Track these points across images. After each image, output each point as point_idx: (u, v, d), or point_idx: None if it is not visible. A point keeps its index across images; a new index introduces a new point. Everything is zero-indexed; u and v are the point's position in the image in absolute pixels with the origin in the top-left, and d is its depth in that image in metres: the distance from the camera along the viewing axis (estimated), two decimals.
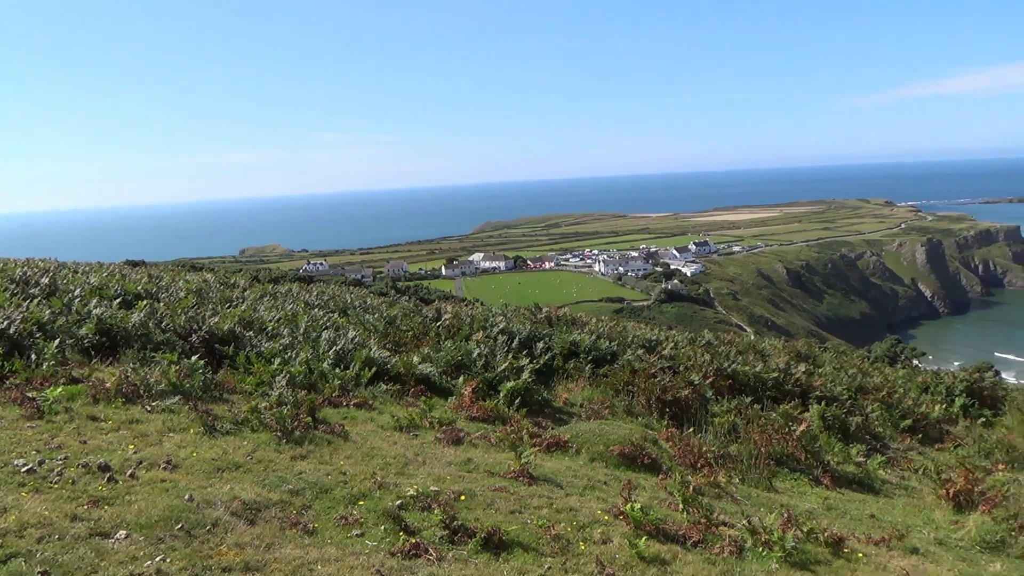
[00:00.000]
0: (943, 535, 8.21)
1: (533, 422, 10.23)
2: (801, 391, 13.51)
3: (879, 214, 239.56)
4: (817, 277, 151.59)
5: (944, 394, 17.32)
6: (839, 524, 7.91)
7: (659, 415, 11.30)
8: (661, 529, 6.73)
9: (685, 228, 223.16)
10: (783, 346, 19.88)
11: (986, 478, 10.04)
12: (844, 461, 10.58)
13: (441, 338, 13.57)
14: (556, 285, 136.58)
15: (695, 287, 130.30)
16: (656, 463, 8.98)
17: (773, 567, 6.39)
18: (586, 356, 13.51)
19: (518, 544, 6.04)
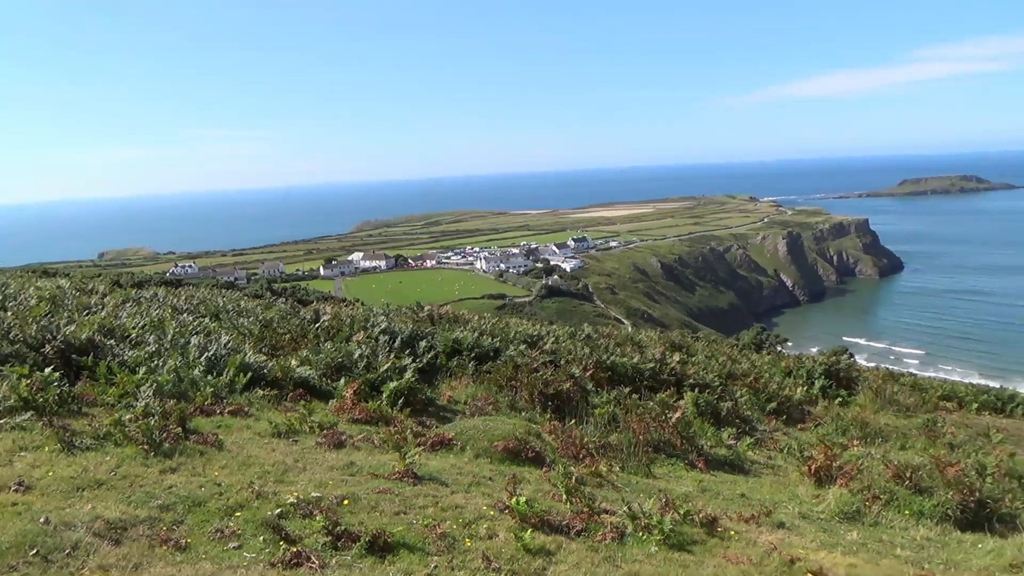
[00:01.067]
0: (806, 509, 8.76)
1: (417, 421, 10.16)
2: (676, 380, 14.08)
3: (744, 209, 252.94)
4: (689, 270, 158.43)
5: (805, 377, 18.52)
6: (713, 505, 8.29)
7: (542, 409, 11.48)
8: (546, 521, 6.83)
9: (564, 225, 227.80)
10: (659, 337, 20.67)
11: (843, 454, 10.80)
12: (717, 445, 11.09)
13: (320, 340, 13.23)
14: (438, 283, 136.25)
15: (575, 282, 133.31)
16: (540, 456, 9.10)
17: (652, 550, 6.62)
18: (469, 353, 13.54)
19: (404, 545, 5.98)
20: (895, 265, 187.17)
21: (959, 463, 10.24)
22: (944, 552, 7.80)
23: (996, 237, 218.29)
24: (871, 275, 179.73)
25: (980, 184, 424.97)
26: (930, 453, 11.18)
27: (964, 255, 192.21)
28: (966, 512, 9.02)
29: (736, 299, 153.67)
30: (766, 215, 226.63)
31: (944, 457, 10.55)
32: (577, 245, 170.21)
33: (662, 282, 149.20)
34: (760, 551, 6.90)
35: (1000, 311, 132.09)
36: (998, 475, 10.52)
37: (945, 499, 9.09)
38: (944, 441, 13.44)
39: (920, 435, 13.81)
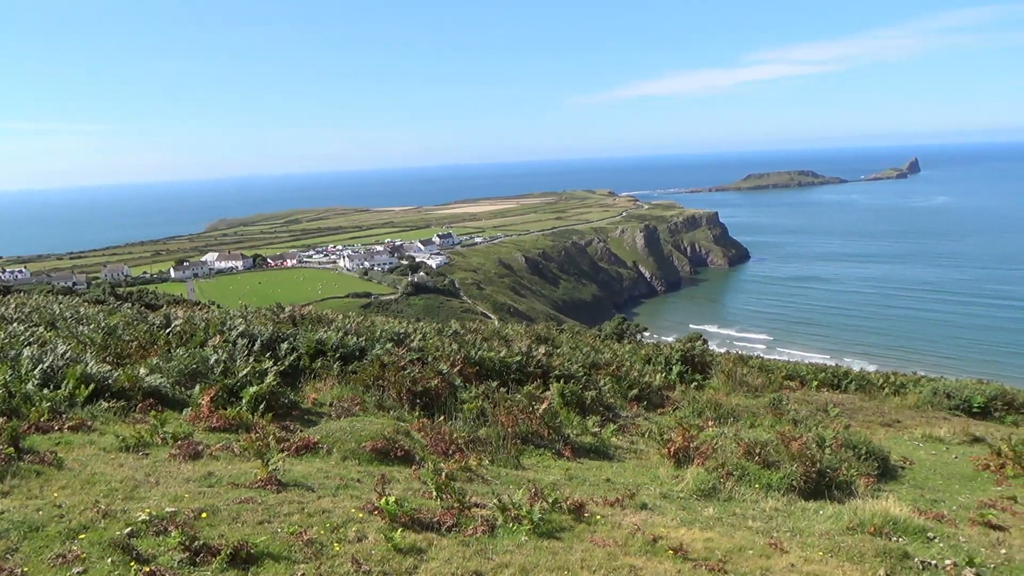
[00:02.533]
0: (667, 489, 9.16)
1: (280, 426, 9.80)
2: (542, 371, 14.34)
3: (604, 203, 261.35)
4: (553, 264, 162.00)
5: (664, 364, 19.38)
6: (580, 491, 8.51)
7: (410, 407, 11.37)
8: (416, 519, 6.77)
9: (429, 221, 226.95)
10: (525, 331, 20.98)
11: (699, 435, 11.38)
12: (582, 433, 11.39)
13: (172, 346, 12.50)
14: (300, 283, 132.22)
15: (441, 279, 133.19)
16: (409, 454, 9.01)
17: (523, 540, 6.71)
18: (334, 354, 13.21)
19: (268, 555, 5.75)
20: (743, 255, 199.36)
21: (802, 437, 11.04)
22: (790, 520, 8.37)
23: (830, 227, 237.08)
24: (721, 265, 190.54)
25: (815, 178, 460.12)
26: (776, 429, 11.97)
27: (803, 244, 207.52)
28: (809, 482, 9.73)
29: (598, 291, 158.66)
30: (624, 209, 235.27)
31: (789, 432, 11.35)
32: (442, 241, 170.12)
33: (527, 276, 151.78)
34: (625, 533, 7.14)
35: (834, 297, 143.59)
36: (835, 446, 11.44)
37: (790, 471, 9.77)
38: (788, 418, 14.45)
39: (767, 413, 14.77)
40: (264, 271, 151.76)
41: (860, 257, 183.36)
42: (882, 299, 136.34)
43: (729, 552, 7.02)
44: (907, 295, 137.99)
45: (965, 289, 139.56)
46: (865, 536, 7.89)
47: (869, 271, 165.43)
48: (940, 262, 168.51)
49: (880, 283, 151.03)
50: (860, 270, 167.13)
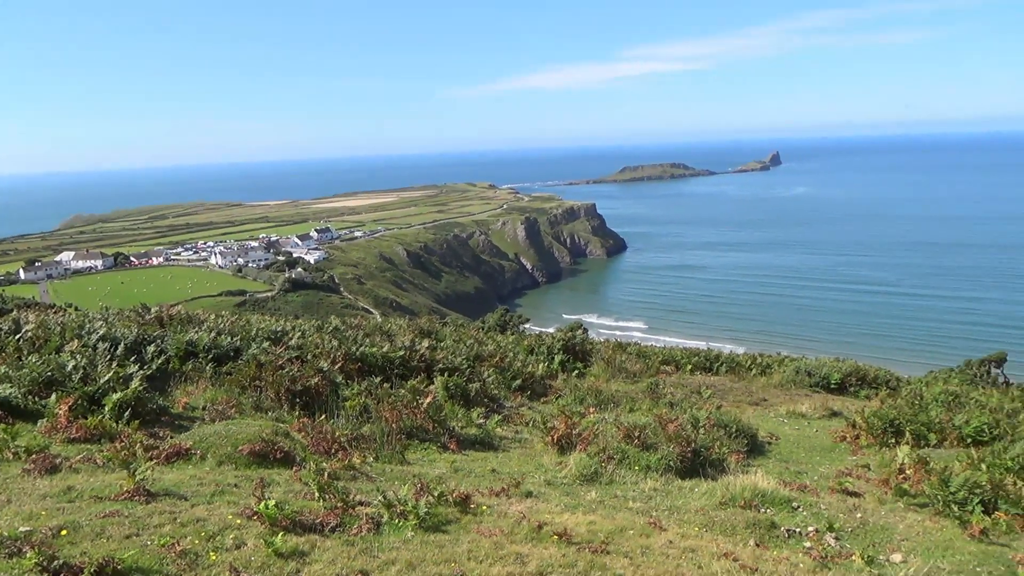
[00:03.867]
0: (551, 476, 9.33)
1: (148, 434, 9.26)
2: (426, 365, 14.26)
3: (485, 196, 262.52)
4: (435, 257, 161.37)
5: (546, 354, 19.69)
6: (466, 483, 8.52)
7: (290, 406, 11.03)
8: (298, 521, 6.58)
9: (306, 215, 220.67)
10: (408, 325, 20.79)
11: (581, 421, 11.64)
12: (467, 425, 11.41)
13: (23, 352, 11.57)
14: (167, 282, 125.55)
15: (320, 274, 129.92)
16: (290, 456, 8.74)
17: (409, 535, 6.65)
18: (206, 355, 12.62)
19: (137, 570, 5.43)
20: (620, 245, 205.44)
21: (678, 419, 11.51)
22: (668, 499, 8.71)
23: (701, 217, 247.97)
24: (600, 255, 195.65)
25: (687, 170, 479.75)
26: (654, 413, 12.42)
27: (677, 234, 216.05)
28: (685, 461, 10.16)
29: (481, 283, 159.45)
30: (505, 202, 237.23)
31: (665, 415, 11.80)
32: (321, 236, 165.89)
33: (409, 270, 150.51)
34: (511, 521, 7.21)
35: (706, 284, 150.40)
36: (709, 426, 11.99)
37: (667, 452, 10.16)
38: (665, 401, 15.03)
39: (646, 397, 15.31)
40: (127, 270, 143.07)
41: (729, 246, 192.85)
42: (750, 286, 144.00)
43: (611, 533, 7.22)
44: (772, 281, 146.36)
45: (823, 274, 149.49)
46: (737, 510, 8.32)
47: (738, 259, 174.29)
48: (801, 249, 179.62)
49: (748, 270, 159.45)
50: (729, 258, 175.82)
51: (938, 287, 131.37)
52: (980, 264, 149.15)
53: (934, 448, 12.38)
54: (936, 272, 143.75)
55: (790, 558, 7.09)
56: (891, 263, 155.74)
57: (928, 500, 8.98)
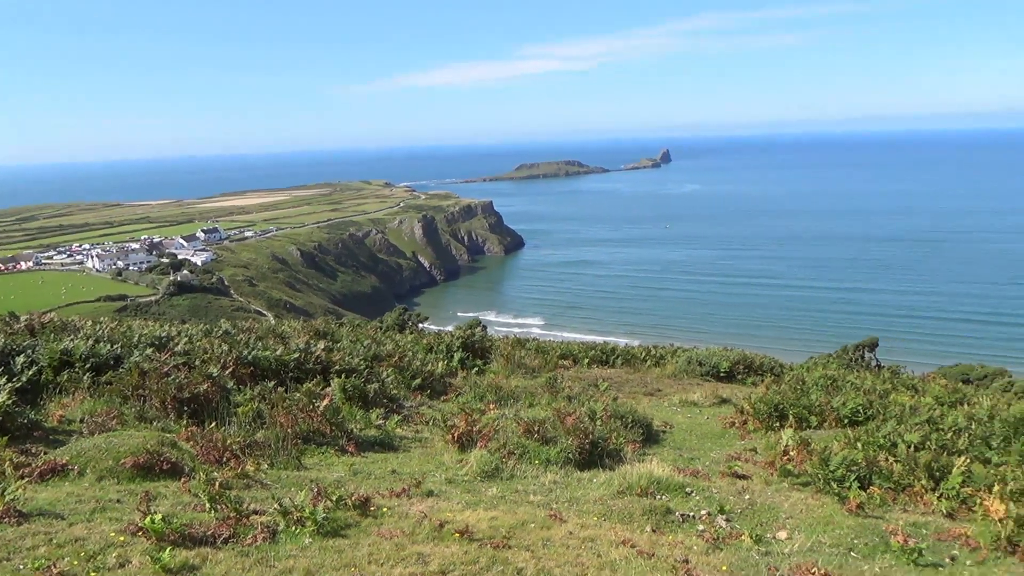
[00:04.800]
0: (452, 474, 9.29)
1: (19, 450, 8.64)
2: (322, 368, 13.92)
3: (381, 194, 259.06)
4: (330, 257, 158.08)
5: (445, 352, 19.62)
6: (365, 486, 8.38)
7: (177, 415, 10.54)
8: (188, 535, 6.30)
9: (191, 215, 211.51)
10: (302, 327, 20.26)
11: (482, 418, 11.65)
12: (366, 426, 11.22)
13: None
14: (38, 287, 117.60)
15: (208, 276, 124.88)
16: (177, 467, 8.35)
17: (307, 542, 6.48)
18: (84, 364, 11.88)
19: None
20: (517, 242, 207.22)
21: (576, 412, 11.70)
22: (568, 491, 8.85)
23: (596, 214, 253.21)
24: (498, 252, 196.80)
25: (581, 168, 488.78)
26: (553, 407, 12.58)
27: (573, 231, 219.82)
28: (583, 453, 10.33)
29: (378, 282, 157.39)
30: (401, 200, 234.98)
31: (564, 409, 11.97)
32: (208, 236, 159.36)
33: (303, 270, 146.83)
34: (412, 521, 7.14)
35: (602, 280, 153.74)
36: (606, 418, 12.25)
37: (566, 445, 10.31)
38: (563, 395, 15.25)
39: (545, 392, 15.48)
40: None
41: (624, 241, 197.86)
42: (643, 280, 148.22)
43: (513, 528, 7.27)
44: (665, 276, 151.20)
45: (713, 268, 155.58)
46: (634, 498, 8.53)
47: (632, 254, 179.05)
48: (692, 244, 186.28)
49: (641, 265, 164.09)
50: (624, 254, 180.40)
51: (816, 278, 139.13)
52: (853, 256, 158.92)
53: (815, 430, 13.08)
54: (814, 264, 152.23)
55: (684, 541, 7.34)
56: (774, 256, 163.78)
57: (810, 479, 9.48)
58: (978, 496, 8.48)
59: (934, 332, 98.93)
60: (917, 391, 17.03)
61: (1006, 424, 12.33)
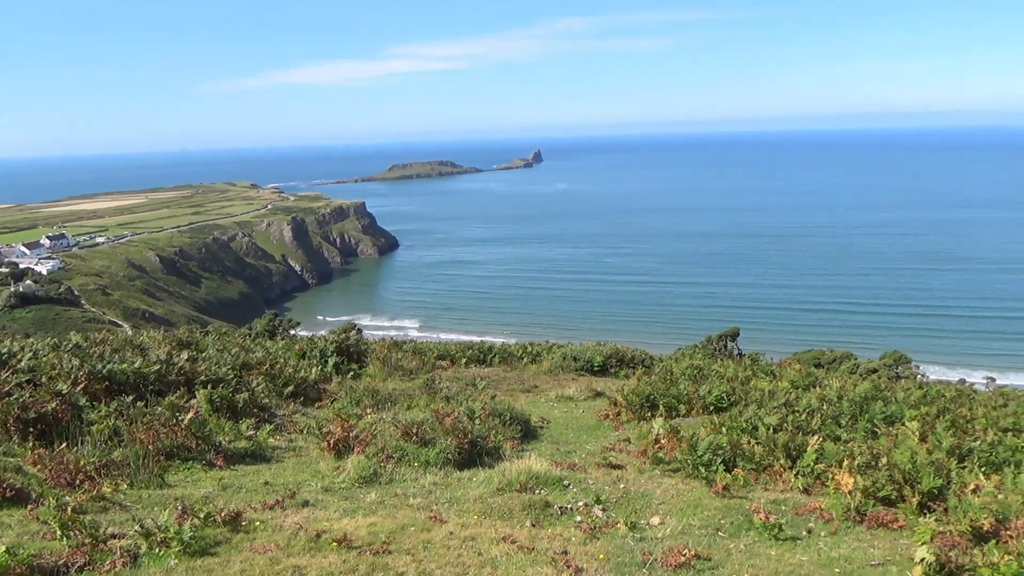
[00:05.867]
0: (329, 482, 9.05)
1: None
2: (186, 379, 13.21)
3: (247, 196, 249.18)
4: (193, 262, 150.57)
5: (319, 357, 19.11)
6: (236, 500, 8.02)
7: (22, 437, 9.70)
8: (37, 566, 5.82)
9: (35, 221, 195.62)
10: (163, 337, 19.14)
11: (359, 423, 11.43)
12: (236, 438, 10.74)
13: None
14: None
15: (55, 286, 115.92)
16: (23, 493, 7.68)
17: (172, 563, 6.13)
18: None
19: None
20: (392, 244, 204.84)
21: (454, 412, 11.68)
22: (448, 491, 8.82)
23: (471, 214, 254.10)
24: (372, 254, 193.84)
25: (455, 168, 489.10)
26: (431, 408, 12.51)
27: (448, 231, 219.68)
28: (463, 453, 10.33)
29: (247, 288, 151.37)
30: (269, 202, 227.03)
31: (442, 409, 11.92)
32: (54, 243, 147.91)
33: (163, 277, 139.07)
34: (287, 534, 6.90)
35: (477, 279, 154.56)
36: (484, 416, 12.30)
37: (446, 445, 10.27)
38: (442, 395, 15.19)
39: (423, 393, 15.37)
40: None
41: (498, 241, 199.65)
42: (518, 279, 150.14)
43: (393, 532, 7.16)
44: (539, 274, 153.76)
45: (584, 266, 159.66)
46: (513, 494, 8.61)
47: (506, 253, 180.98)
48: (564, 242, 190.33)
49: (516, 264, 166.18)
50: (499, 253, 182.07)
51: (681, 273, 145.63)
52: (715, 251, 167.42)
53: (684, 418, 13.68)
54: (679, 260, 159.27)
55: (563, 533, 7.47)
56: (642, 253, 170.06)
57: (680, 465, 9.89)
58: (830, 471, 9.10)
59: (789, 321, 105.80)
60: (775, 376, 18.12)
61: (853, 403, 13.35)
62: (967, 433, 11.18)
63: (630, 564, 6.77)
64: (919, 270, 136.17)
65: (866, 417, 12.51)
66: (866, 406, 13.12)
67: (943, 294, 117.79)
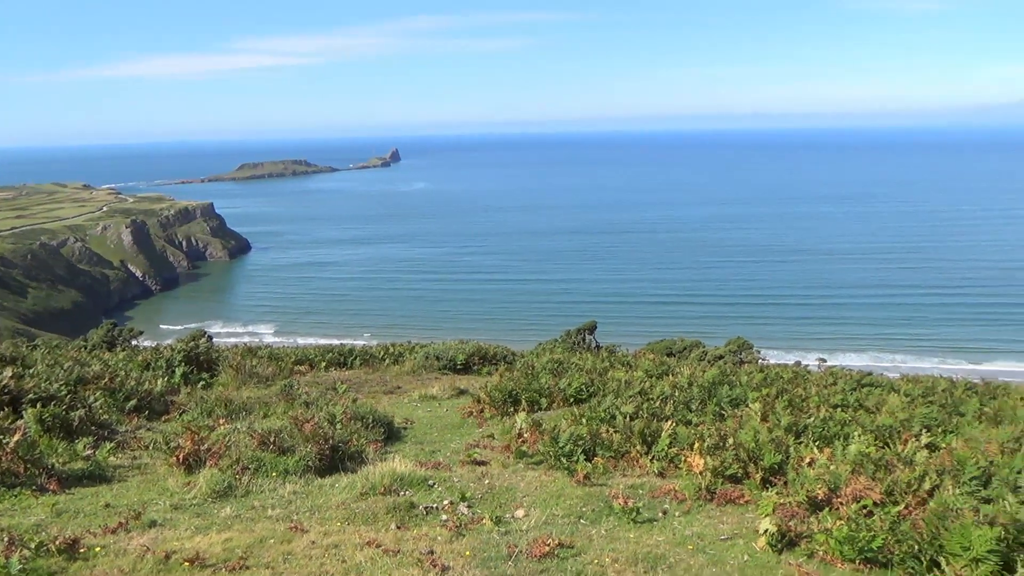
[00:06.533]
0: (178, 499, 8.53)
1: None
2: (11, 398, 12.06)
3: (79, 198, 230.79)
4: (17, 271, 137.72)
5: (165, 367, 18.02)
6: (73, 526, 7.41)
7: None
8: None
9: None
10: None
11: (211, 435, 10.83)
12: (72, 459, 9.92)
13: None
14: None
15: None
16: None
17: None
18: None
19: None
20: (243, 246, 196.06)
21: (314, 418, 11.34)
22: (309, 500, 8.54)
23: (328, 214, 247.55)
24: (222, 257, 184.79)
25: (308, 167, 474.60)
26: (290, 415, 12.07)
27: (304, 232, 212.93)
28: (324, 459, 10.04)
29: (81, 296, 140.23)
30: (105, 203, 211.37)
31: (301, 416, 11.54)
32: None
33: None
34: (132, 558, 6.45)
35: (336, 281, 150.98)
36: (346, 420, 12.02)
37: (306, 452, 9.95)
38: (301, 401, 14.71)
39: (280, 400, 14.81)
40: None
41: (357, 241, 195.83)
42: (378, 280, 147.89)
43: (250, 547, 6.86)
44: (399, 274, 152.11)
45: (444, 265, 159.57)
46: (377, 497, 8.46)
47: (365, 254, 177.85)
48: (423, 242, 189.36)
49: (375, 265, 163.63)
50: (357, 254, 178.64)
51: (540, 270, 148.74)
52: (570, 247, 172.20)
53: (546, 411, 13.96)
54: (537, 257, 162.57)
55: (429, 533, 7.42)
56: (501, 251, 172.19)
57: (543, 457, 10.07)
58: (683, 454, 9.57)
59: (643, 313, 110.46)
60: (631, 367, 18.85)
61: (702, 389, 14.12)
62: (803, 411, 12.09)
63: (496, 558, 6.82)
64: (759, 262, 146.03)
65: (714, 401, 13.26)
66: (714, 391, 13.91)
67: (780, 283, 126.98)
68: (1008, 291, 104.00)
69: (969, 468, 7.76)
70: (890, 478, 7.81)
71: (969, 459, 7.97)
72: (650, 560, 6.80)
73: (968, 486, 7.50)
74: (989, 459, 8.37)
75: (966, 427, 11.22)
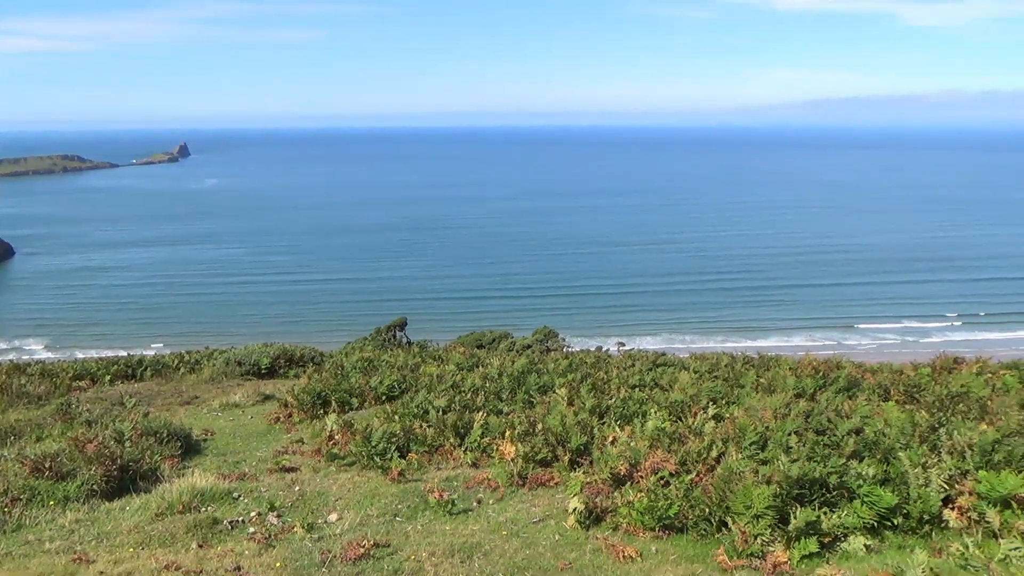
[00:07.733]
0: None
1: None
2: None
3: None
4: None
5: None
6: None
7: None
8: None
9: None
10: None
11: None
12: None
13: None
14: None
15: None
16: None
17: None
18: None
19: None
20: (5, 251, 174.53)
21: (98, 437, 10.33)
22: (95, 527, 7.78)
23: (107, 214, 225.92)
24: None
25: (83, 163, 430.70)
26: (68, 436, 10.90)
27: (80, 234, 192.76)
28: (111, 481, 9.18)
29: None
30: None
31: (83, 436, 10.47)
32: None
33: None
34: None
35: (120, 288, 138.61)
36: (136, 437, 11.07)
37: (90, 476, 9.04)
38: (81, 420, 13.34)
39: (57, 421, 13.37)
40: None
41: (144, 243, 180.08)
42: (166, 285, 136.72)
43: None
44: (190, 278, 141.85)
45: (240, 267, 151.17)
46: (175, 516, 7.88)
47: (151, 257, 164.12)
48: (216, 242, 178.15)
49: (163, 268, 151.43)
50: (144, 256, 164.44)
51: (346, 268, 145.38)
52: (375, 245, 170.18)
53: (357, 411, 13.66)
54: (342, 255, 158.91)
55: (235, 548, 7.01)
56: (304, 250, 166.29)
57: (355, 458, 9.86)
58: (495, 444, 9.76)
59: (452, 308, 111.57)
60: (442, 361, 18.94)
61: (512, 378, 14.48)
62: (605, 393, 12.74)
63: (309, 566, 6.57)
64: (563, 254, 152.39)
65: (523, 389, 13.64)
66: (523, 379, 14.30)
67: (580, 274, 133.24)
68: (777, 275, 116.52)
69: (749, 434, 8.57)
70: (683, 449, 8.43)
71: (749, 426, 8.80)
72: (466, 550, 6.85)
73: (748, 450, 8.28)
74: (765, 425, 9.28)
75: (746, 397, 12.35)
